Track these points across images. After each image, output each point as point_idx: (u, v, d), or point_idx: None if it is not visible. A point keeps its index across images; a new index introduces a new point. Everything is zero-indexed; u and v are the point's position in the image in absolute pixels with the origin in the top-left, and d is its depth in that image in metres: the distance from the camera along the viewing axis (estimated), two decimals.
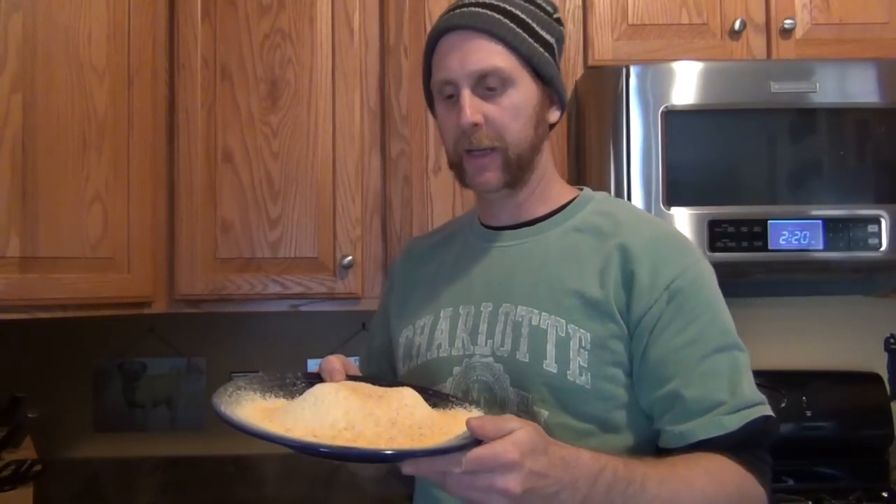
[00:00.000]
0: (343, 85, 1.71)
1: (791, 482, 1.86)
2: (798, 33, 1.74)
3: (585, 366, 0.97)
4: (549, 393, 0.98)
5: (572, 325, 0.98)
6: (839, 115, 1.63)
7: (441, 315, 1.09)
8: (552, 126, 1.09)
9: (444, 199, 1.72)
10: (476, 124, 1.00)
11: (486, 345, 1.03)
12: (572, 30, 1.74)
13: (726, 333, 0.99)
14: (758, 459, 0.96)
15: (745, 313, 2.02)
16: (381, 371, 1.21)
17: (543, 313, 1.00)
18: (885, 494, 1.77)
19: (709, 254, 1.58)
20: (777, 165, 1.64)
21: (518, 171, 1.03)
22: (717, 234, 1.59)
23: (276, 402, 0.96)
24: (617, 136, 1.61)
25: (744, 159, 1.64)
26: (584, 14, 1.75)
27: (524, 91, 1.02)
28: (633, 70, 1.60)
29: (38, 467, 1.73)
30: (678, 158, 1.61)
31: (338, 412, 0.85)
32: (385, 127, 1.74)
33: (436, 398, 0.98)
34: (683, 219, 1.60)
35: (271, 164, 1.70)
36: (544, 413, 0.98)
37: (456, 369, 1.05)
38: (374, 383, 0.98)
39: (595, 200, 1.09)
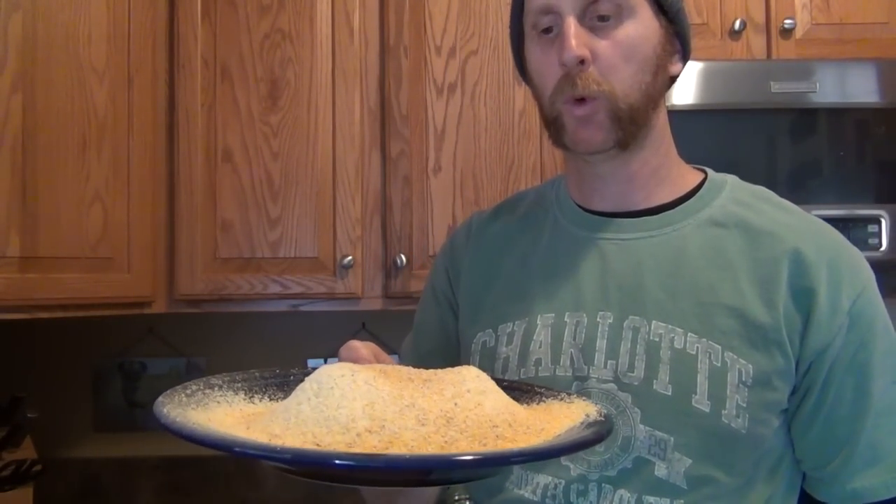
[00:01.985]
0: (343, 85, 1.71)
1: None
2: (798, 33, 1.74)
3: (744, 406, 0.77)
4: (698, 437, 0.77)
5: (730, 353, 0.78)
6: (839, 115, 1.63)
7: (539, 322, 0.86)
8: (673, 80, 0.86)
9: (444, 199, 1.72)
10: (583, 60, 0.78)
11: (605, 366, 0.81)
12: None
13: None
14: None
15: None
16: None
17: (690, 334, 0.79)
18: None
19: None
20: (777, 165, 1.64)
21: (631, 126, 0.81)
22: None
23: (268, 406, 0.68)
24: None
25: (744, 159, 1.64)
26: None
27: (644, 25, 0.80)
28: None
29: (38, 467, 1.73)
30: None
31: (355, 405, 0.56)
32: (385, 127, 1.74)
33: (513, 390, 0.71)
34: None
35: (271, 164, 1.70)
36: (687, 461, 0.77)
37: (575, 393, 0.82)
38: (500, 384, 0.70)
39: (729, 186, 0.87)
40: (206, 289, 1.69)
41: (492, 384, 0.63)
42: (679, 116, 1.60)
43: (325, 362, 2.14)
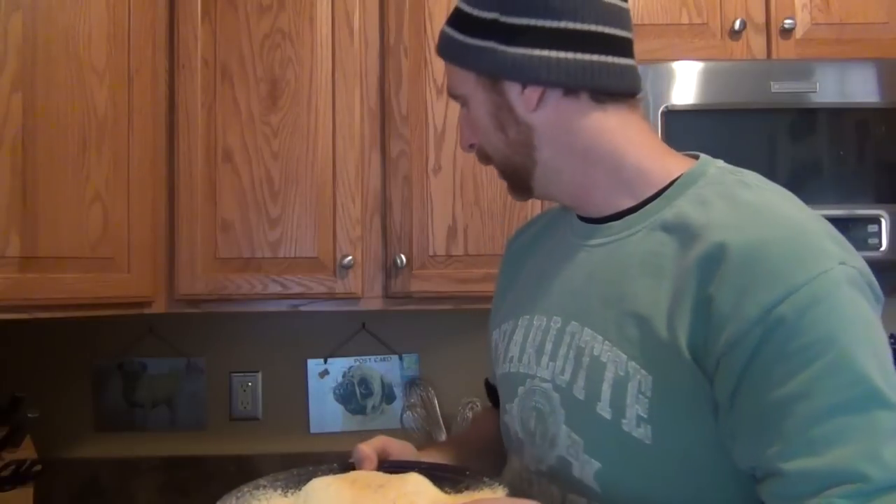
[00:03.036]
0: (343, 85, 1.71)
1: None
2: (798, 33, 1.74)
3: (645, 416, 0.75)
4: (604, 442, 0.79)
5: (633, 363, 0.77)
6: (839, 115, 1.63)
7: (519, 323, 0.94)
8: (544, 107, 0.85)
9: (444, 199, 1.72)
10: (469, 146, 0.92)
11: (547, 367, 0.86)
12: None
13: (860, 381, 0.67)
14: None
15: None
16: None
17: (606, 342, 0.80)
18: None
19: None
20: (777, 165, 1.64)
21: (517, 175, 0.89)
22: None
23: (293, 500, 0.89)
24: None
25: (744, 159, 1.62)
26: None
27: (476, 102, 0.88)
28: None
29: (38, 467, 1.73)
30: None
31: None
32: (385, 127, 1.74)
33: (452, 479, 0.84)
34: None
35: (271, 164, 1.70)
36: (596, 465, 0.80)
37: (520, 389, 0.90)
38: (440, 472, 0.86)
39: (703, 179, 0.83)
40: (206, 289, 1.69)
41: (427, 485, 0.80)
42: (679, 116, 1.61)
43: (325, 362, 2.16)
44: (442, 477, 0.83)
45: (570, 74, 0.83)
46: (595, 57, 0.83)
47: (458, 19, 0.88)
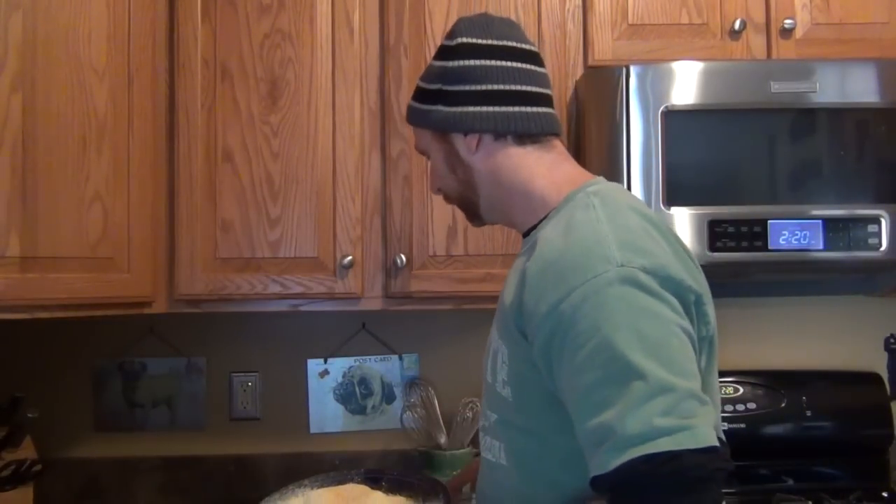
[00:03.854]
0: (343, 85, 1.71)
1: (791, 482, 1.86)
2: (798, 33, 1.74)
3: (506, 379, 1.02)
4: (493, 400, 1.06)
5: (500, 340, 1.04)
6: (839, 115, 1.63)
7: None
8: (480, 151, 1.11)
9: (443, 200, 1.72)
10: (437, 190, 1.21)
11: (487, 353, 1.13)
12: (572, 30, 1.74)
13: (615, 359, 0.85)
14: None
15: (745, 313, 2.05)
16: None
17: (494, 328, 1.08)
18: (885, 494, 1.77)
19: (708, 254, 1.58)
20: (777, 165, 1.64)
21: (471, 209, 1.17)
22: (717, 234, 1.59)
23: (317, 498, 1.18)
24: (617, 136, 1.61)
25: (744, 159, 1.64)
26: (584, 14, 1.75)
27: (434, 153, 1.16)
28: (633, 70, 1.60)
29: (38, 467, 1.73)
30: (678, 158, 1.61)
31: None
32: (385, 127, 1.74)
33: (419, 486, 1.19)
34: (683, 219, 1.60)
35: (271, 164, 1.70)
36: (494, 416, 1.07)
37: (483, 371, 1.15)
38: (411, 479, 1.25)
39: (569, 204, 1.04)
40: (206, 289, 1.69)
41: (383, 499, 1.17)
42: (679, 116, 1.61)
43: (325, 362, 2.16)
44: (410, 484, 1.12)
45: (497, 123, 1.09)
46: (515, 109, 1.09)
47: (416, 92, 1.17)
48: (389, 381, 2.04)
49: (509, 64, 1.10)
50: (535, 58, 1.12)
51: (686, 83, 1.61)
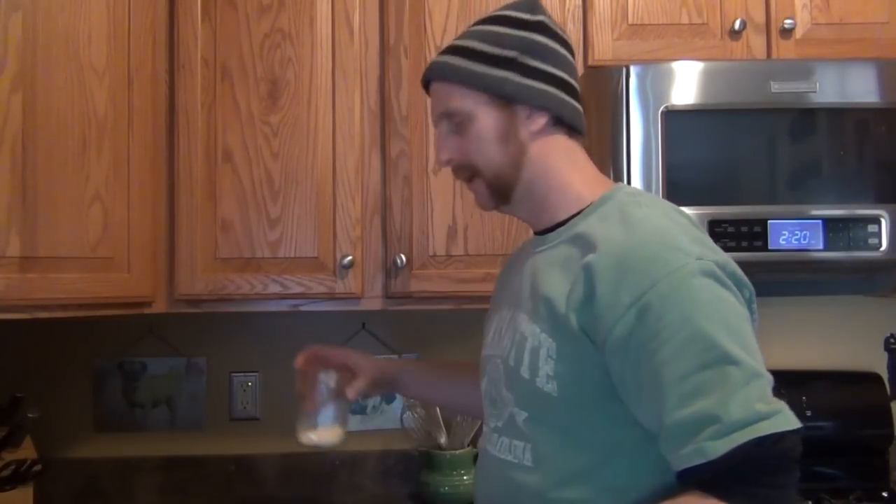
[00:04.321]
0: (343, 85, 1.71)
1: None
2: (798, 33, 1.75)
3: (552, 374, 0.98)
4: (526, 397, 1.02)
5: (543, 334, 1.00)
6: (839, 115, 1.63)
7: (493, 317, 1.18)
8: (540, 131, 1.07)
9: (444, 199, 1.72)
10: (448, 160, 1.11)
11: (500, 347, 1.10)
12: (572, 30, 1.74)
13: (711, 347, 0.88)
14: (762, 489, 0.87)
15: None
16: None
17: (528, 321, 1.04)
18: (885, 494, 1.77)
19: None
20: (777, 165, 1.64)
21: (504, 188, 1.09)
22: (717, 234, 1.59)
23: None
24: (617, 136, 1.61)
25: (744, 159, 1.64)
26: (584, 14, 1.75)
27: (485, 118, 1.07)
28: (633, 70, 1.60)
29: (38, 467, 1.73)
30: (678, 158, 1.61)
31: None
32: (385, 127, 1.74)
33: None
34: None
35: (271, 164, 1.70)
36: (524, 414, 1.03)
37: (487, 367, 1.13)
38: None
39: (611, 201, 1.05)
40: (206, 289, 1.69)
41: None
42: (679, 116, 1.61)
43: None
44: None
45: (563, 109, 1.07)
46: (571, 100, 1.08)
47: (466, 52, 1.08)
48: None
49: (567, 54, 1.10)
50: (574, 55, 1.13)
51: (686, 83, 1.61)
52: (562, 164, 1.08)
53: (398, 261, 1.69)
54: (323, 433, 1.28)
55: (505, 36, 1.07)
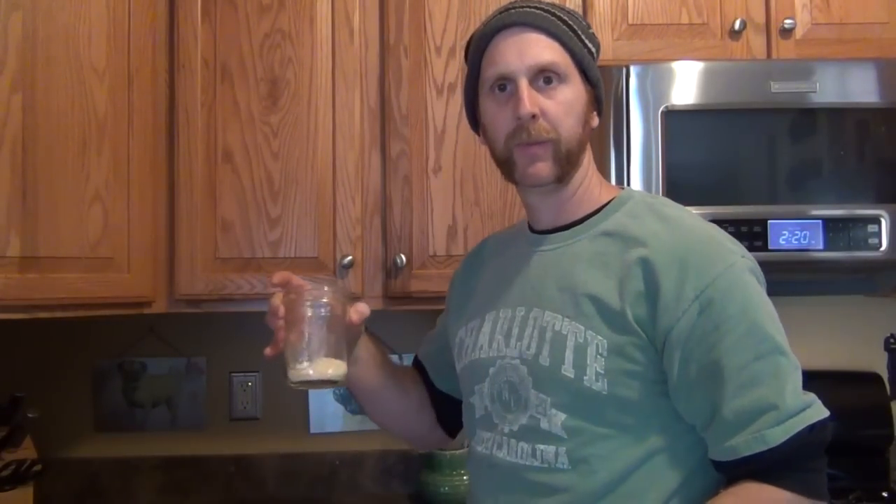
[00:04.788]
0: (343, 85, 1.71)
1: None
2: (798, 33, 1.74)
3: (602, 372, 0.97)
4: (568, 397, 0.99)
5: (591, 332, 0.99)
6: (839, 115, 1.63)
7: (486, 318, 1.13)
8: (592, 130, 1.10)
9: (444, 199, 1.72)
10: (535, 115, 1.01)
11: (515, 347, 1.05)
12: None
13: (765, 339, 0.95)
14: (810, 474, 0.97)
15: None
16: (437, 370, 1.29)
17: (566, 319, 1.01)
18: (885, 494, 1.77)
19: None
20: (777, 165, 1.64)
21: (567, 164, 1.05)
22: None
23: None
24: (617, 136, 1.61)
25: (744, 159, 1.64)
26: (584, 14, 1.75)
27: (576, 88, 1.05)
28: (633, 70, 1.60)
29: (38, 467, 1.73)
30: (678, 158, 1.61)
31: None
32: (385, 127, 1.74)
33: None
34: None
35: (271, 164, 1.70)
36: (562, 416, 0.99)
37: (491, 370, 1.08)
38: None
39: (632, 201, 1.08)
40: (206, 289, 1.69)
41: None
42: (679, 116, 1.61)
43: None
44: None
45: (598, 119, 1.10)
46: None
47: (567, 23, 1.06)
48: None
49: None
50: None
51: (686, 83, 1.61)
52: (592, 164, 1.11)
53: (398, 261, 1.69)
54: (320, 366, 1.03)
55: (590, 34, 1.09)
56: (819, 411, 0.96)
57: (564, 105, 1.03)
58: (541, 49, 1.03)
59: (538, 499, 1.01)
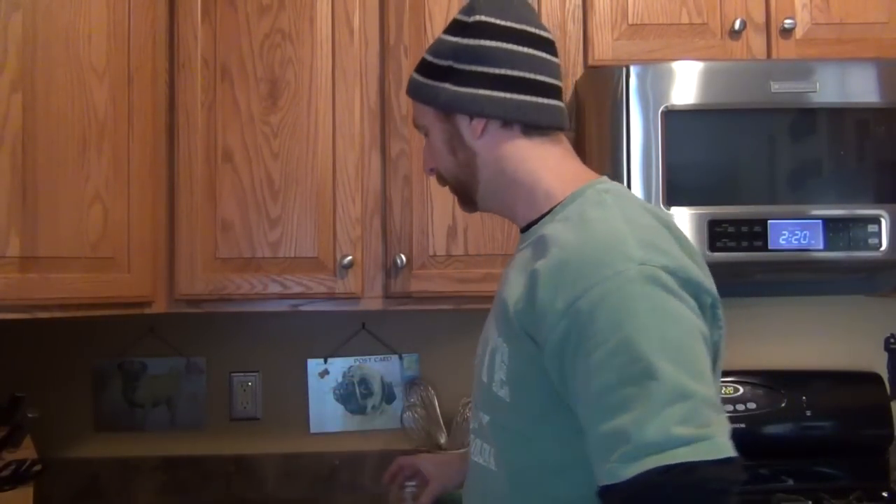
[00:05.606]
0: (343, 85, 1.71)
1: (791, 482, 1.86)
2: (798, 33, 1.74)
3: (504, 379, 0.96)
4: (487, 401, 1.02)
5: (500, 339, 0.99)
6: (839, 115, 1.63)
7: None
8: (486, 135, 1.06)
9: (443, 199, 1.72)
10: (430, 170, 1.16)
11: (480, 347, 1.09)
12: (572, 30, 1.74)
13: (636, 360, 0.81)
14: None
15: (746, 313, 2.04)
16: None
17: (492, 324, 1.05)
18: (885, 494, 1.77)
19: (709, 254, 1.58)
20: (777, 165, 1.64)
21: (466, 194, 1.13)
22: (717, 234, 1.59)
23: None
24: (617, 136, 1.61)
25: (744, 159, 1.64)
26: (584, 14, 1.75)
27: (435, 131, 1.11)
28: (633, 70, 1.60)
29: (38, 467, 1.73)
30: (678, 158, 1.60)
31: None
32: (385, 127, 1.74)
33: None
34: (684, 219, 1.60)
35: (271, 164, 1.70)
36: (487, 417, 1.03)
37: (477, 371, 1.11)
38: None
39: (578, 201, 1.01)
40: (206, 289, 1.69)
41: None
42: (679, 116, 1.61)
43: (325, 362, 2.16)
44: None
45: (506, 110, 1.04)
46: (527, 98, 1.04)
47: (421, 66, 1.11)
48: (389, 381, 2.04)
49: (525, 50, 1.04)
50: (550, 46, 1.07)
51: (686, 83, 1.61)
52: (522, 163, 1.06)
53: (398, 261, 1.69)
54: None
55: (444, 43, 1.08)
56: (696, 452, 0.78)
57: (433, 151, 1.12)
58: (413, 113, 1.17)
59: (483, 496, 1.05)
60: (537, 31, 1.06)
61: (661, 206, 1.59)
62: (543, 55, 1.06)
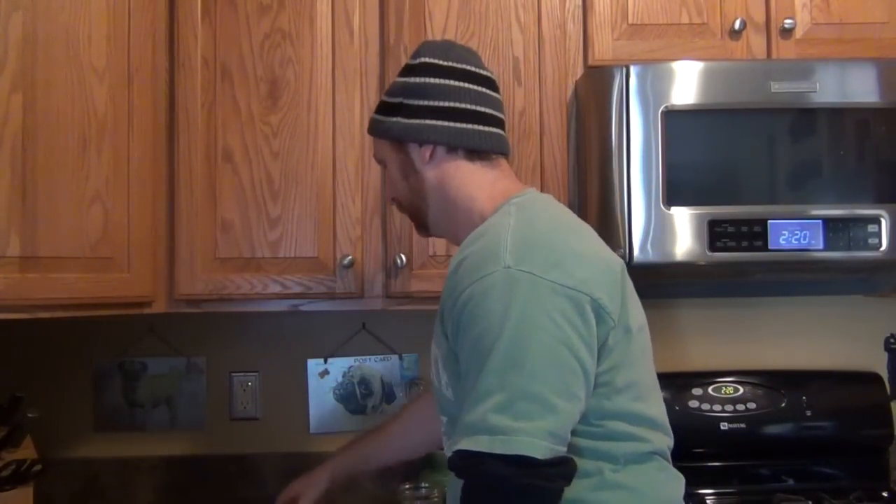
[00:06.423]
0: (343, 85, 1.71)
1: (791, 482, 1.86)
2: (798, 33, 1.74)
3: (447, 381, 1.09)
4: (441, 402, 1.14)
5: (435, 345, 1.12)
6: (839, 114, 1.63)
7: None
8: (433, 161, 1.19)
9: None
10: (391, 199, 1.31)
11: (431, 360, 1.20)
12: (572, 30, 1.74)
13: (479, 354, 0.97)
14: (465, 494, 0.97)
15: (746, 313, 2.05)
16: None
17: (434, 335, 1.14)
18: (885, 494, 1.77)
19: (708, 254, 1.58)
20: (777, 165, 1.64)
21: (418, 218, 1.26)
22: (717, 234, 1.59)
23: None
24: (617, 136, 1.61)
25: (744, 159, 1.64)
26: (584, 14, 1.75)
27: (390, 163, 1.25)
28: (633, 70, 1.60)
29: (38, 467, 1.73)
30: (678, 158, 1.61)
31: None
32: None
33: None
34: (683, 219, 1.60)
35: (271, 164, 1.70)
36: (444, 418, 1.14)
37: (432, 378, 1.21)
38: None
39: (494, 216, 1.13)
40: (206, 289, 1.69)
41: None
42: (679, 116, 1.61)
43: (325, 362, 2.16)
44: None
45: (450, 136, 1.18)
46: (469, 126, 1.18)
47: (379, 106, 1.26)
48: (389, 381, 2.04)
49: (465, 85, 1.18)
50: (490, 83, 1.21)
51: (686, 83, 1.61)
52: (462, 186, 1.19)
53: (398, 261, 1.69)
54: None
55: (396, 84, 1.24)
56: (488, 444, 0.92)
57: (391, 181, 1.27)
58: (374, 147, 1.31)
59: (453, 491, 1.10)
60: (477, 70, 1.20)
61: (662, 206, 1.59)
62: (483, 90, 1.20)
